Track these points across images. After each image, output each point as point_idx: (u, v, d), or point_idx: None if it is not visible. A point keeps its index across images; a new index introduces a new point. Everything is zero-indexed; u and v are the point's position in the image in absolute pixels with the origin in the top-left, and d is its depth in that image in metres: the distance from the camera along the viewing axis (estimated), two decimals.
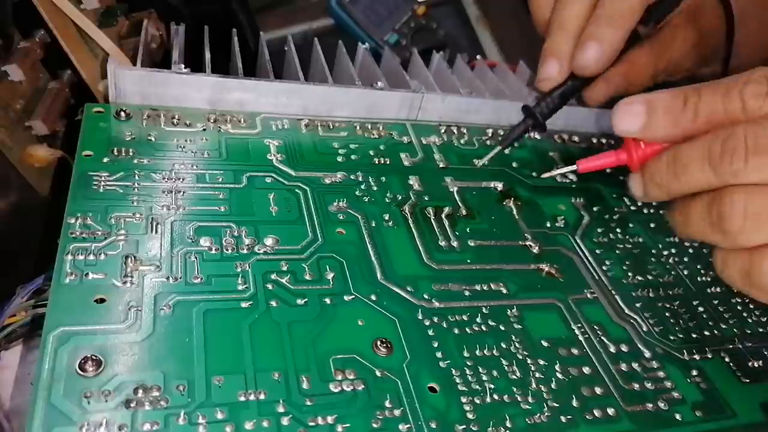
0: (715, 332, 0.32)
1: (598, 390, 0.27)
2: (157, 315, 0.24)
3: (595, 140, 0.44)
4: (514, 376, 0.27)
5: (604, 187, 0.40)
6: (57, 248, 0.25)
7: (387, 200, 0.33)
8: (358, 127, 0.38)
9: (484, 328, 0.28)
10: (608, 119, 0.44)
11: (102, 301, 0.24)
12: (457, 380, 0.26)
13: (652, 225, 0.38)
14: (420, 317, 0.28)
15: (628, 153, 0.28)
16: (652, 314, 0.32)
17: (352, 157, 0.36)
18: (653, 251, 0.36)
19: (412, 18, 0.55)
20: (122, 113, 0.33)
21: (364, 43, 0.42)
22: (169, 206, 0.29)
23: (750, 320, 0.34)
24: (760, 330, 0.33)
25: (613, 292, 0.33)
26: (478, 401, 0.25)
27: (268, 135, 0.35)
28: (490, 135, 0.41)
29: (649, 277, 0.34)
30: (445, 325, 0.28)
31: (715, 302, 0.34)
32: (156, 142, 0.32)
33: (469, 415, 0.24)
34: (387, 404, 0.24)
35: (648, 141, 0.27)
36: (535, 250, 0.34)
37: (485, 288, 0.30)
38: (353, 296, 0.28)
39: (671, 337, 0.31)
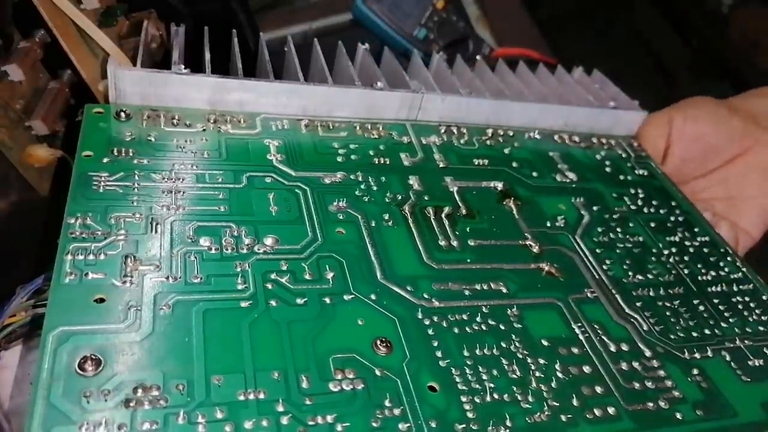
0: (716, 331, 0.32)
1: (598, 389, 0.27)
2: (157, 314, 0.24)
3: (595, 140, 0.44)
4: (514, 376, 0.26)
5: (604, 186, 0.40)
6: (57, 248, 0.25)
7: (387, 200, 0.33)
8: (357, 128, 0.38)
9: (484, 328, 0.28)
10: (608, 119, 0.45)
11: (102, 300, 0.24)
12: (457, 379, 0.26)
13: (652, 224, 0.38)
14: (420, 316, 0.28)
15: None
16: (653, 313, 0.32)
17: (352, 157, 0.36)
18: (653, 250, 0.36)
19: (434, 12, 0.56)
20: (122, 114, 0.33)
21: (392, 41, 0.42)
22: (168, 206, 0.29)
23: (750, 319, 0.34)
24: (761, 329, 0.33)
25: (614, 291, 0.33)
26: (478, 400, 0.25)
27: (268, 135, 0.35)
28: (489, 135, 0.41)
29: (650, 277, 0.34)
30: (444, 325, 0.28)
31: (716, 301, 0.34)
32: (156, 143, 0.32)
33: (469, 414, 0.24)
34: (387, 403, 0.24)
35: None
36: (535, 249, 0.34)
37: (485, 287, 0.30)
38: (353, 296, 0.28)
39: (672, 336, 0.31)
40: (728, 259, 0.37)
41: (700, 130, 0.43)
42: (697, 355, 0.30)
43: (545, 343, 0.28)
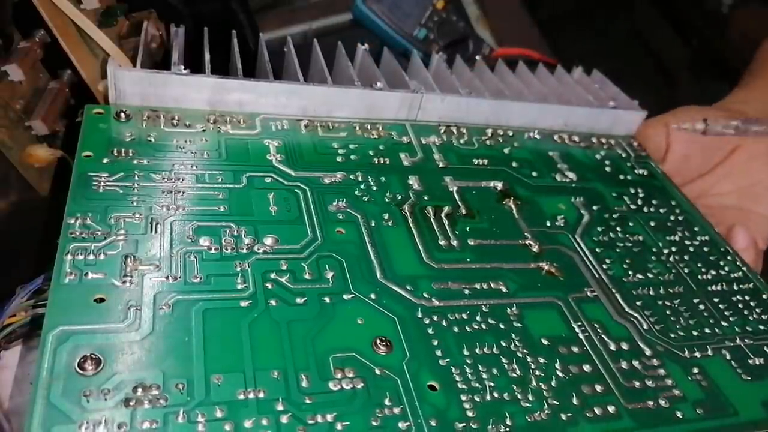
0: (716, 330, 0.32)
1: (598, 388, 0.27)
2: (157, 314, 0.24)
3: (594, 140, 0.44)
4: (514, 374, 0.26)
5: (604, 186, 0.40)
6: (57, 248, 0.25)
7: (386, 200, 0.33)
8: (357, 128, 0.38)
9: (483, 327, 0.28)
10: (608, 119, 0.45)
11: (101, 300, 0.24)
12: (457, 378, 0.26)
13: (652, 223, 0.38)
14: (419, 316, 0.28)
15: None
16: (653, 312, 0.32)
17: (352, 157, 0.36)
18: (653, 249, 0.36)
19: (434, 12, 0.56)
20: (122, 114, 0.33)
21: (392, 41, 0.42)
22: (168, 206, 0.29)
23: (751, 318, 0.33)
24: (761, 327, 0.33)
25: (614, 290, 0.33)
26: (477, 399, 0.25)
27: (268, 135, 0.35)
28: (489, 135, 0.41)
29: (650, 276, 0.34)
30: (444, 324, 0.28)
31: (716, 300, 0.34)
32: (156, 143, 0.32)
33: (469, 413, 0.24)
34: (387, 402, 0.24)
35: None
36: (535, 248, 0.34)
37: (485, 287, 0.30)
38: (353, 295, 0.28)
39: (672, 335, 0.31)
40: (728, 258, 0.37)
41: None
42: (697, 354, 0.30)
43: (545, 342, 0.28)
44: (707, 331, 0.32)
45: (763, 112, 0.46)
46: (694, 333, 0.32)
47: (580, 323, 0.30)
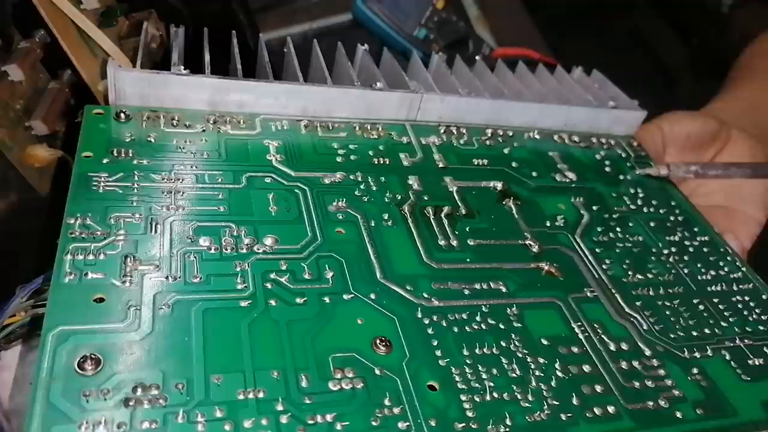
0: (716, 330, 0.32)
1: (598, 388, 0.27)
2: (156, 314, 0.24)
3: (594, 140, 0.44)
4: (514, 375, 0.26)
5: (604, 186, 0.40)
6: (57, 248, 0.25)
7: (386, 200, 0.33)
8: (357, 128, 0.38)
9: (483, 327, 0.28)
10: (608, 119, 0.45)
11: (101, 300, 0.24)
12: (457, 378, 0.26)
13: (652, 224, 0.38)
14: (419, 316, 0.28)
15: None
16: (653, 312, 0.32)
17: (352, 157, 0.36)
18: (653, 250, 0.36)
19: (434, 12, 0.56)
20: (122, 115, 0.33)
21: (392, 41, 0.42)
22: (168, 206, 0.29)
23: (750, 318, 0.33)
24: (761, 328, 0.33)
25: (613, 290, 0.33)
26: (477, 399, 0.25)
27: (268, 136, 0.35)
28: (489, 135, 0.41)
29: (650, 276, 0.34)
30: (444, 324, 0.28)
31: (716, 300, 0.34)
32: (155, 144, 0.32)
33: (469, 413, 0.24)
34: (386, 402, 0.24)
35: None
36: (535, 249, 0.34)
37: (485, 287, 0.30)
38: (352, 295, 0.28)
39: (672, 336, 0.31)
40: (728, 258, 0.37)
41: (687, 129, 0.46)
42: (697, 355, 0.30)
43: (545, 342, 0.28)
44: (707, 331, 0.32)
45: (736, 121, 0.48)
46: (694, 333, 0.32)
47: (579, 323, 0.30)
